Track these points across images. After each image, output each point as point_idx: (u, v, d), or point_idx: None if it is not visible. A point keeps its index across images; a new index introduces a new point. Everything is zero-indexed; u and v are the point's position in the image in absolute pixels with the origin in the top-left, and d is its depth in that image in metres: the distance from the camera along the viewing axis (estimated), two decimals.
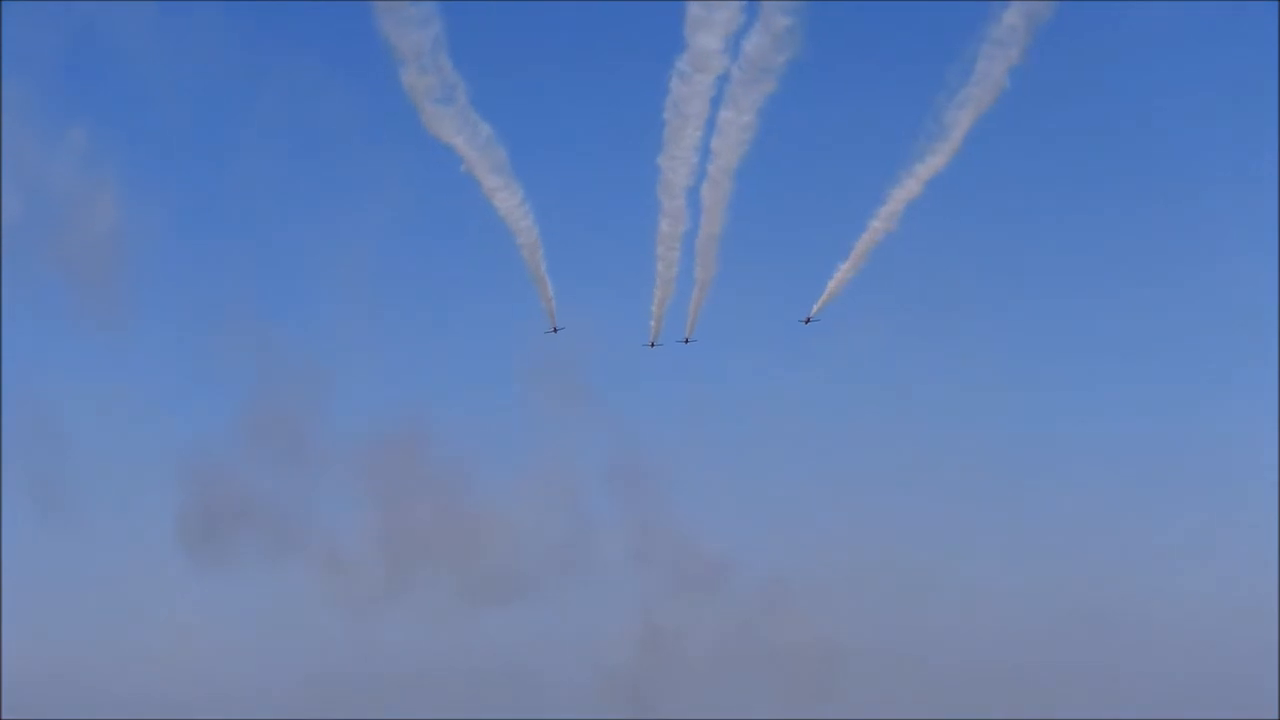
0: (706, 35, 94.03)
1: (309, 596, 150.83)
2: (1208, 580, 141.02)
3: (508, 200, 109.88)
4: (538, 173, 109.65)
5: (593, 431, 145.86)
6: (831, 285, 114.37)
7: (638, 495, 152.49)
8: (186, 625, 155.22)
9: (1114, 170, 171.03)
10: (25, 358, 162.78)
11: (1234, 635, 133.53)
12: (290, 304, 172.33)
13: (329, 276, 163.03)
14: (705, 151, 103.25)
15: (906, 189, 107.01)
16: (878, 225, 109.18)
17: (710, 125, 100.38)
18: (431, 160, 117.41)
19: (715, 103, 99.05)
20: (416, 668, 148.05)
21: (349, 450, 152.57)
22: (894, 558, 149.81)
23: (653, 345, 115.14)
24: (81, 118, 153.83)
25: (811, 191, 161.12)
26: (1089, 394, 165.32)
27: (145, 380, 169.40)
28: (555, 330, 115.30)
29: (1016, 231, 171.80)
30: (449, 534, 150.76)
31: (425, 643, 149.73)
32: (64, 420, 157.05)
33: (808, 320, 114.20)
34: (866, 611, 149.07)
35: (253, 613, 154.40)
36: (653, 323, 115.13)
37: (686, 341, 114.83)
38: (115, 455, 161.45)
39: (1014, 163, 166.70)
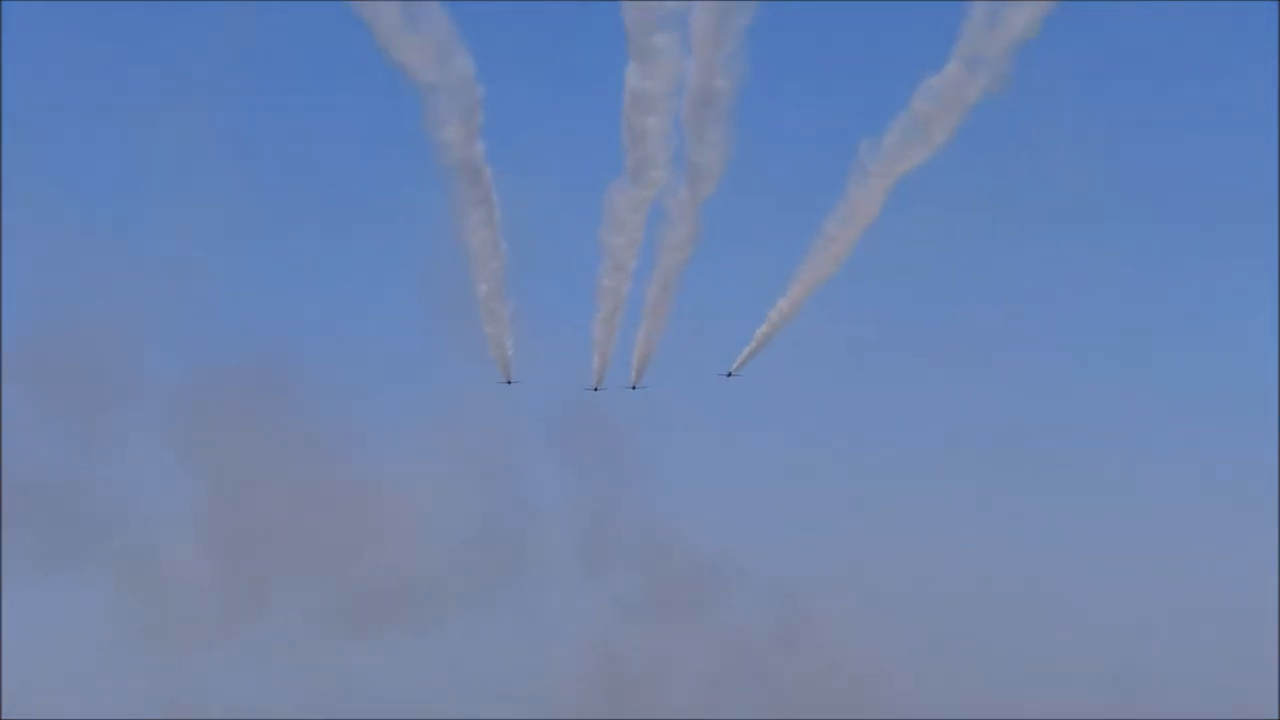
0: None
1: (110, 620, 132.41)
2: (1207, 580, 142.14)
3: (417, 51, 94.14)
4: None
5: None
6: (756, 340, 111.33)
7: (593, 473, 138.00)
8: None
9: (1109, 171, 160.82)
10: None
11: (1234, 635, 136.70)
12: (94, 199, 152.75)
13: (149, 159, 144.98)
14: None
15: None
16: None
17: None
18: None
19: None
20: None
21: (171, 408, 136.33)
22: (930, 564, 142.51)
23: (596, 389, 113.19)
24: None
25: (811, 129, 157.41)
26: (1098, 393, 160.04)
27: None
28: (510, 383, 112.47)
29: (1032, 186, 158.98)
30: (317, 530, 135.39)
31: (276, 688, 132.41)
32: None
33: (729, 374, 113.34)
34: (900, 636, 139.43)
35: (29, 642, 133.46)
36: (596, 359, 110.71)
37: (634, 388, 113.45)
38: None
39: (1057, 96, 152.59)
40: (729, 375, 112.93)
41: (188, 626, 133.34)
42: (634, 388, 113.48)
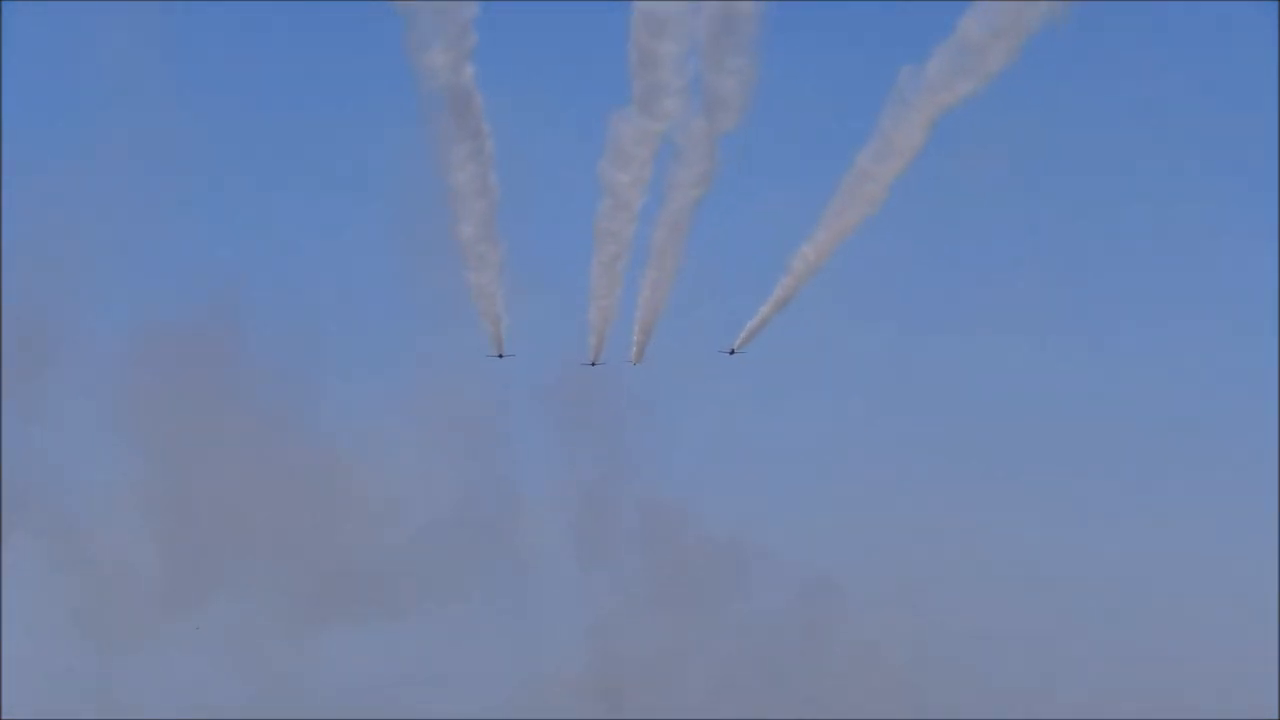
0: None
1: (38, 610, 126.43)
2: (1207, 579, 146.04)
3: None
4: None
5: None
6: (777, 295, 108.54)
7: (592, 442, 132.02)
8: None
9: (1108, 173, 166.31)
10: None
11: (1234, 635, 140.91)
12: (25, 132, 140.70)
13: (84, 77, 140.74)
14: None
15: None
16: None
17: None
18: None
19: None
20: None
21: (109, 368, 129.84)
22: (945, 556, 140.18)
23: (594, 364, 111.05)
24: None
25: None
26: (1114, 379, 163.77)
27: None
28: (501, 356, 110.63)
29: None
30: (276, 507, 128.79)
31: (227, 682, 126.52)
32: None
33: (732, 351, 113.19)
34: (949, 628, 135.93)
35: None
36: (594, 314, 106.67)
37: (636, 364, 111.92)
38: None
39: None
40: (731, 353, 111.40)
41: (126, 612, 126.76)
42: (636, 363, 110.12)
